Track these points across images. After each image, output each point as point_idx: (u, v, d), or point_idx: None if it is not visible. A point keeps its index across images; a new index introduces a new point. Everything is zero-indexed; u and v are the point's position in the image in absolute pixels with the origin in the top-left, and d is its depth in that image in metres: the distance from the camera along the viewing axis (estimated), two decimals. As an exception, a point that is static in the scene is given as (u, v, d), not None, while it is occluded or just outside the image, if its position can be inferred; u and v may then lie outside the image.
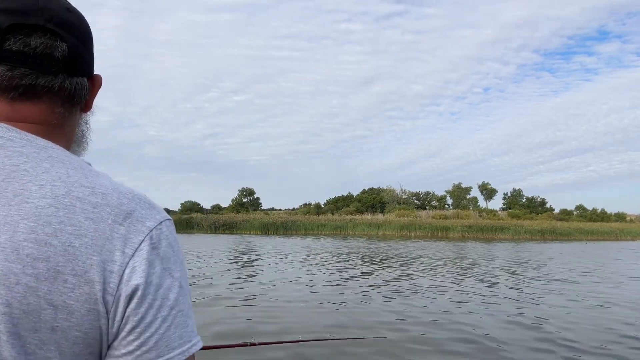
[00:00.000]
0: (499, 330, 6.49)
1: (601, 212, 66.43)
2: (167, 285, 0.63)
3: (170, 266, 0.65)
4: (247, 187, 79.01)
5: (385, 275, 12.40)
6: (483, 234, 40.68)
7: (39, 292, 0.57)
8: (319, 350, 5.37)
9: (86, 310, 0.59)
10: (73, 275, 0.58)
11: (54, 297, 0.57)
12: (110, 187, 0.65)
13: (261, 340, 4.22)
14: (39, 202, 0.59)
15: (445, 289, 10.11)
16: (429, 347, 5.62)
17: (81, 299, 0.58)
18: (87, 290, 0.59)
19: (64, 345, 0.58)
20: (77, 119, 0.77)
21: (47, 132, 0.69)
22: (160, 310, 0.62)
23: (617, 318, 7.43)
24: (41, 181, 0.61)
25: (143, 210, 0.65)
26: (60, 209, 0.60)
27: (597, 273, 14.02)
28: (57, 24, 0.67)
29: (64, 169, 0.63)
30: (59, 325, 0.58)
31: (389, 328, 6.49)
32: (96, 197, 0.62)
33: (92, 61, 0.76)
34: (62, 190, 0.61)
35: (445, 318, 7.20)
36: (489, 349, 5.61)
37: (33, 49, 0.65)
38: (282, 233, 41.39)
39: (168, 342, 0.62)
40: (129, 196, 0.65)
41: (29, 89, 0.66)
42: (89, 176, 0.65)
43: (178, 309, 0.64)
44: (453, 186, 76.82)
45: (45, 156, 0.64)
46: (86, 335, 0.59)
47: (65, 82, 0.69)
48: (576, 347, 5.71)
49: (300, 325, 6.56)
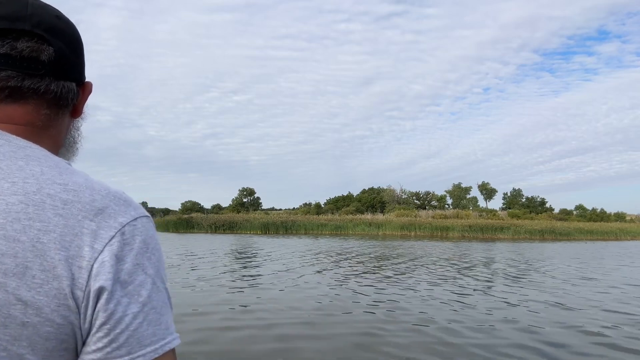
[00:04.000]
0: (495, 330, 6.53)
1: (601, 212, 66.42)
2: (139, 282, 0.63)
3: (143, 262, 0.64)
4: (248, 187, 79.16)
5: (385, 276, 12.43)
6: (483, 233, 40.65)
7: (7, 288, 0.57)
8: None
9: (56, 306, 0.59)
10: (41, 270, 0.58)
11: (22, 293, 0.57)
12: (83, 184, 0.65)
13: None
14: (9, 198, 0.60)
15: (444, 290, 10.13)
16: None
17: (50, 294, 0.58)
18: (56, 285, 0.59)
19: (36, 341, 0.58)
20: (66, 124, 0.78)
21: (32, 133, 0.70)
22: (129, 306, 0.61)
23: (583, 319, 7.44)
24: (14, 178, 0.61)
25: (117, 207, 0.65)
26: (29, 206, 0.60)
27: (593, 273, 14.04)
28: (45, 29, 0.69)
29: (38, 167, 0.64)
30: (29, 320, 0.58)
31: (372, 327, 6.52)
32: (67, 193, 0.62)
33: (81, 67, 0.77)
34: (33, 187, 0.61)
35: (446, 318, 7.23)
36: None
37: (19, 52, 0.67)
38: (282, 233, 41.36)
39: (140, 339, 0.61)
40: (103, 193, 0.65)
41: (15, 90, 0.68)
42: (63, 174, 0.65)
43: (151, 306, 0.63)
44: (453, 186, 76.90)
45: (21, 155, 0.65)
46: (58, 330, 0.59)
47: (52, 84, 0.70)
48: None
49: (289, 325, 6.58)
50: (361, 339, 5.87)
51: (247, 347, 5.47)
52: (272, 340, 5.72)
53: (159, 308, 0.64)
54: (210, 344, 5.53)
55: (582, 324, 6.92)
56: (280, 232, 41.68)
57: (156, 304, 0.64)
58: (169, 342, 0.64)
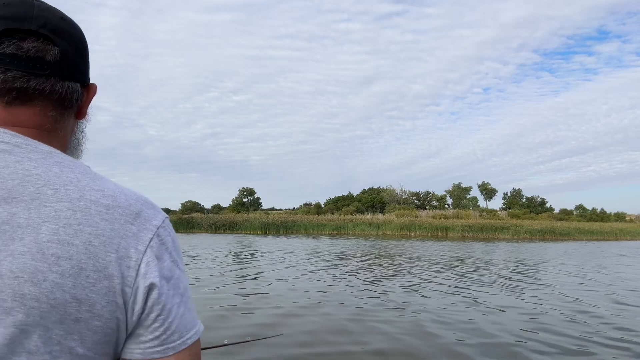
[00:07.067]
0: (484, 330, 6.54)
1: (601, 212, 66.48)
2: (177, 276, 0.73)
3: (176, 259, 0.74)
4: (248, 187, 79.25)
5: (384, 275, 12.45)
6: (483, 233, 40.68)
7: (64, 288, 0.63)
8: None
9: (106, 302, 0.66)
10: (94, 271, 0.65)
11: (77, 292, 0.64)
12: (116, 189, 0.72)
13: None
14: (56, 205, 0.65)
15: (445, 289, 10.15)
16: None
17: (101, 292, 0.65)
18: (107, 284, 0.66)
19: (85, 335, 0.65)
20: (72, 125, 0.80)
21: (43, 136, 0.73)
22: (174, 298, 0.71)
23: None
24: (55, 185, 0.66)
25: (149, 210, 0.73)
26: (77, 212, 0.66)
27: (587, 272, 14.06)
28: (50, 30, 0.71)
29: (72, 173, 0.69)
30: (82, 316, 0.64)
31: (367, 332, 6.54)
32: (107, 199, 0.69)
33: (86, 69, 0.79)
34: (75, 194, 0.67)
35: (451, 318, 7.25)
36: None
37: (25, 51, 0.69)
38: (282, 233, 41.39)
39: (185, 324, 0.72)
40: (134, 198, 0.73)
41: (22, 92, 0.70)
42: (96, 180, 0.71)
43: (187, 295, 0.74)
44: (453, 186, 76.96)
45: (52, 162, 0.69)
46: (105, 324, 0.66)
47: (57, 85, 0.72)
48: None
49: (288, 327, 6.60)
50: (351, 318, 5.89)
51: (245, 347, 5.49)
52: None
53: (190, 297, 0.76)
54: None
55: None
56: (281, 232, 41.70)
57: (189, 293, 0.75)
58: (200, 325, 0.76)
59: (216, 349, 5.10)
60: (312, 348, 5.48)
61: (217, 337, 5.75)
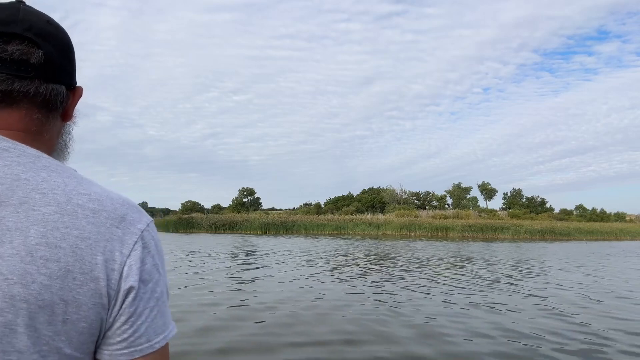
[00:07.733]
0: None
1: (601, 212, 66.49)
2: (156, 280, 0.74)
3: (157, 262, 0.75)
4: (248, 187, 79.37)
5: (384, 275, 12.44)
6: (483, 233, 40.66)
7: (52, 289, 0.65)
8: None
9: (92, 304, 0.68)
10: (81, 273, 0.67)
11: (65, 293, 0.65)
12: (102, 193, 0.73)
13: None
14: (44, 209, 0.67)
15: (445, 289, 10.14)
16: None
17: (88, 294, 0.67)
18: (93, 286, 0.68)
19: (72, 335, 0.67)
20: (58, 128, 0.81)
21: (29, 139, 0.74)
22: (149, 301, 0.72)
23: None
24: (43, 190, 0.68)
25: (134, 214, 0.74)
26: (64, 215, 0.68)
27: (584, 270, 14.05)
28: (35, 33, 0.72)
29: (59, 177, 0.71)
30: (69, 317, 0.66)
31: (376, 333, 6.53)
32: (93, 203, 0.71)
33: (72, 71, 0.80)
34: (63, 197, 0.69)
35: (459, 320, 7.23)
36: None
37: (10, 54, 0.70)
38: (282, 233, 41.37)
39: (155, 328, 0.73)
40: (120, 201, 0.74)
41: (6, 94, 0.71)
42: (82, 184, 0.72)
43: (162, 300, 0.75)
44: (453, 186, 76.96)
45: (40, 165, 0.70)
46: (91, 325, 0.68)
47: (41, 87, 0.74)
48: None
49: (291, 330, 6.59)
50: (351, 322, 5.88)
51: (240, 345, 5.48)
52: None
53: (166, 301, 0.76)
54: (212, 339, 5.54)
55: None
56: (281, 232, 41.69)
57: (165, 297, 0.76)
58: (172, 329, 0.77)
59: (215, 350, 5.14)
60: (312, 349, 5.47)
61: (214, 341, 5.75)
